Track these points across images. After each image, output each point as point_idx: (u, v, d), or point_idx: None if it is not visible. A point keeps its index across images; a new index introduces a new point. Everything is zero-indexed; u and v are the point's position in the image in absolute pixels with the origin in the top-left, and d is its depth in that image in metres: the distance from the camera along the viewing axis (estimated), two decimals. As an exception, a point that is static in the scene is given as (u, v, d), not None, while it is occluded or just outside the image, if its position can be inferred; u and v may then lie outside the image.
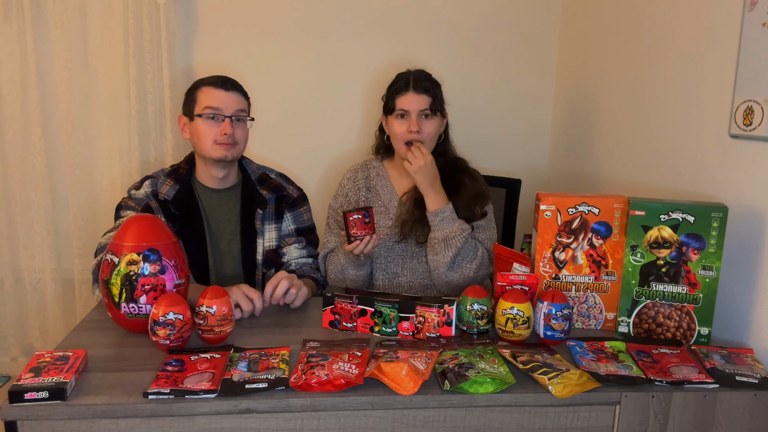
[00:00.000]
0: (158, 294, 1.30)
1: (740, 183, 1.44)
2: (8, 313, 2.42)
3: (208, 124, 1.65)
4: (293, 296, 1.53)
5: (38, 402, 1.05)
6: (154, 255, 1.30)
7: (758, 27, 1.37)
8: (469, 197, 1.76)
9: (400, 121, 1.72)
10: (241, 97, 1.70)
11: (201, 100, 1.66)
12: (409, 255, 1.78)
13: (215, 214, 1.74)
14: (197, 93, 1.67)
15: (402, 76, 1.75)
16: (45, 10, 2.23)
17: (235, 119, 1.66)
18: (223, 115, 1.65)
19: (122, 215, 1.66)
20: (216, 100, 1.65)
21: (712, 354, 1.28)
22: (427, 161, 1.66)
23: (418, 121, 1.69)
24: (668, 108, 1.75)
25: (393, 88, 1.75)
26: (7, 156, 2.31)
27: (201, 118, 1.65)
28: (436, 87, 1.74)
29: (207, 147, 1.66)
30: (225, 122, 1.64)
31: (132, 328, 1.33)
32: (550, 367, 1.18)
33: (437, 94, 1.73)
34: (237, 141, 1.67)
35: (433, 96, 1.71)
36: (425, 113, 1.70)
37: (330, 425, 1.12)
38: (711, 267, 1.35)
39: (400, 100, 1.71)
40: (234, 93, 1.67)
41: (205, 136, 1.65)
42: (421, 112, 1.70)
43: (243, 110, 1.69)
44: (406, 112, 1.70)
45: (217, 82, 1.67)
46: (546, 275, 1.44)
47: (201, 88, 1.67)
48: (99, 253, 1.57)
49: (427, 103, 1.70)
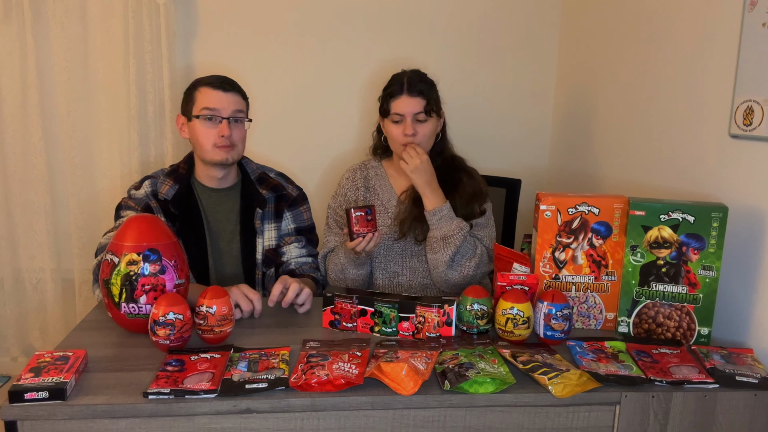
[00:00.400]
0: (158, 294, 1.29)
1: (740, 183, 1.44)
2: (8, 313, 2.42)
3: (205, 125, 1.64)
4: (303, 299, 1.51)
5: (38, 402, 1.05)
6: (154, 255, 1.29)
7: (758, 27, 1.37)
8: (467, 195, 1.76)
9: (395, 124, 1.72)
10: (239, 98, 1.69)
11: (199, 100, 1.66)
12: (409, 254, 1.78)
13: (215, 214, 1.74)
14: (195, 93, 1.67)
15: (396, 79, 1.74)
16: (45, 10, 2.22)
17: (233, 120, 1.66)
18: (220, 116, 1.64)
19: (122, 215, 1.66)
20: (214, 101, 1.64)
21: (712, 354, 1.28)
22: (423, 160, 1.66)
23: (413, 125, 1.69)
24: (668, 108, 1.75)
25: (387, 92, 1.74)
26: (7, 156, 2.31)
27: (198, 120, 1.65)
28: (430, 88, 1.73)
29: (207, 151, 1.65)
30: (222, 124, 1.64)
31: (132, 328, 1.33)
32: (550, 367, 1.18)
33: (432, 96, 1.72)
34: (234, 143, 1.67)
35: (427, 98, 1.70)
36: (419, 117, 1.70)
37: (330, 425, 1.12)
38: (711, 267, 1.35)
39: (395, 104, 1.71)
40: (232, 94, 1.67)
41: (203, 138, 1.64)
42: (416, 115, 1.69)
43: (241, 111, 1.68)
44: (401, 116, 1.70)
45: (215, 83, 1.66)
46: (546, 275, 1.44)
47: (199, 88, 1.67)
48: (99, 253, 1.57)
49: (421, 106, 1.69)
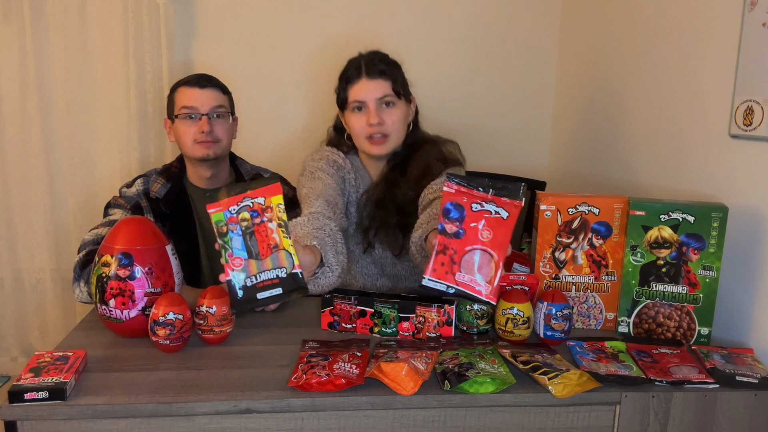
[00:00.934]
0: (126, 300, 1.27)
1: (740, 183, 1.44)
2: (8, 313, 2.41)
3: (186, 124, 1.64)
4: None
5: (38, 402, 1.05)
6: (126, 259, 1.27)
7: (758, 27, 1.37)
8: (419, 167, 1.50)
9: (357, 114, 1.48)
10: (219, 93, 1.67)
11: (177, 100, 1.66)
12: (390, 262, 1.59)
13: (208, 214, 1.73)
14: (175, 95, 1.68)
15: (352, 63, 1.51)
16: (44, 10, 2.22)
17: (215, 116, 1.65)
18: (199, 113, 1.64)
19: (110, 213, 1.66)
20: (191, 99, 1.64)
21: (712, 354, 1.28)
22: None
23: (378, 112, 1.46)
24: (668, 108, 1.75)
25: (344, 77, 1.50)
26: (6, 156, 2.31)
27: (179, 119, 1.65)
28: (394, 68, 1.50)
29: (188, 147, 1.65)
30: (202, 120, 1.63)
31: (111, 328, 1.33)
32: (550, 367, 1.17)
33: (397, 77, 1.49)
34: (218, 138, 1.65)
35: (392, 79, 1.47)
36: (385, 100, 1.47)
37: (330, 425, 1.11)
38: (711, 267, 1.35)
39: (353, 90, 1.47)
40: (210, 89, 1.65)
41: (185, 136, 1.65)
42: (380, 100, 1.46)
43: (221, 106, 1.67)
44: (363, 102, 1.47)
45: (192, 81, 1.66)
46: (546, 275, 1.44)
47: (177, 89, 1.68)
48: (81, 250, 1.56)
49: (385, 88, 1.46)
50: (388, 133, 1.48)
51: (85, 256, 1.52)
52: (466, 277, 1.07)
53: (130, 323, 1.29)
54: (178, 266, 1.36)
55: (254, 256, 1.05)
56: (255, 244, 1.05)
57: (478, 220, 1.06)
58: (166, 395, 1.08)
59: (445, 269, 1.06)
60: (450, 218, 1.07)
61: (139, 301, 1.28)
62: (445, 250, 1.07)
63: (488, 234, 1.06)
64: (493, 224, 1.05)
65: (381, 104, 1.47)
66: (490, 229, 1.06)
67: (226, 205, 1.06)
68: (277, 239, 1.05)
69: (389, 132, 1.48)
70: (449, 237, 1.06)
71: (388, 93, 1.47)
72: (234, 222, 1.05)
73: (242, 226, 1.04)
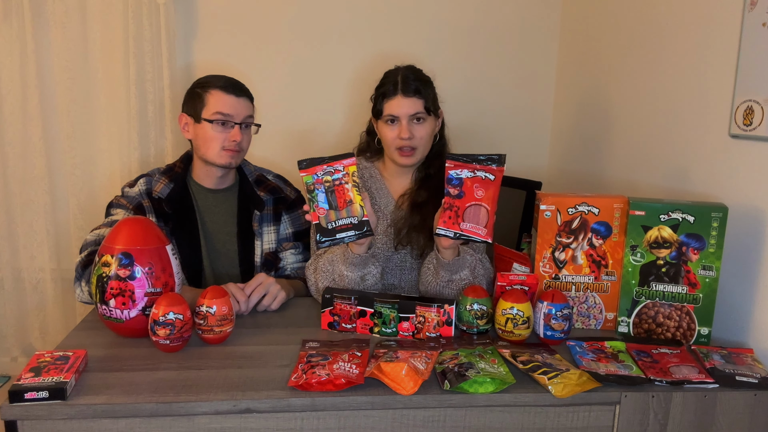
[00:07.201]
0: (126, 300, 1.27)
1: (740, 183, 1.44)
2: (8, 313, 2.42)
3: (217, 130, 1.63)
4: (267, 304, 1.52)
5: (38, 402, 1.05)
6: (126, 259, 1.27)
7: (758, 27, 1.37)
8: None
9: (390, 126, 1.59)
10: (250, 103, 1.69)
11: (210, 103, 1.63)
12: (408, 267, 1.66)
13: (211, 215, 1.74)
14: (206, 96, 1.64)
15: (389, 77, 1.61)
16: (45, 10, 2.22)
17: (244, 126, 1.66)
18: (233, 122, 1.63)
19: (112, 213, 1.66)
20: (227, 106, 1.63)
21: (712, 354, 1.28)
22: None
23: (409, 127, 1.57)
24: (668, 108, 1.75)
25: (380, 91, 1.61)
26: (7, 156, 2.31)
27: (210, 124, 1.63)
28: (427, 86, 1.60)
29: (213, 153, 1.64)
30: (235, 129, 1.63)
31: (112, 328, 1.33)
32: (550, 367, 1.18)
33: (429, 94, 1.59)
34: (243, 148, 1.67)
35: (424, 97, 1.57)
36: (417, 117, 1.58)
37: (330, 425, 1.12)
38: (711, 267, 1.35)
39: (389, 105, 1.58)
40: (243, 99, 1.66)
41: (213, 142, 1.63)
42: (412, 116, 1.57)
43: (251, 116, 1.69)
44: (396, 117, 1.58)
45: (228, 87, 1.64)
46: (546, 275, 1.44)
47: (210, 90, 1.64)
48: (83, 250, 1.56)
49: (418, 106, 1.57)
50: (417, 146, 1.60)
51: (86, 256, 1.52)
52: (468, 225, 1.37)
53: (130, 323, 1.29)
54: (179, 266, 1.36)
55: (334, 207, 1.37)
56: (335, 199, 1.37)
57: (473, 183, 1.38)
58: (166, 395, 1.08)
59: (452, 221, 1.37)
60: (452, 184, 1.38)
61: (140, 301, 1.28)
62: (451, 207, 1.38)
63: (482, 193, 1.37)
64: (484, 185, 1.37)
65: (412, 120, 1.59)
66: (482, 189, 1.37)
67: (314, 170, 1.38)
68: (351, 196, 1.38)
69: (417, 146, 1.60)
70: (453, 198, 1.38)
71: (420, 111, 1.58)
72: (320, 183, 1.37)
73: (325, 185, 1.38)
